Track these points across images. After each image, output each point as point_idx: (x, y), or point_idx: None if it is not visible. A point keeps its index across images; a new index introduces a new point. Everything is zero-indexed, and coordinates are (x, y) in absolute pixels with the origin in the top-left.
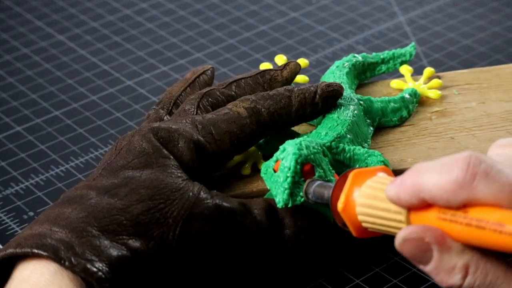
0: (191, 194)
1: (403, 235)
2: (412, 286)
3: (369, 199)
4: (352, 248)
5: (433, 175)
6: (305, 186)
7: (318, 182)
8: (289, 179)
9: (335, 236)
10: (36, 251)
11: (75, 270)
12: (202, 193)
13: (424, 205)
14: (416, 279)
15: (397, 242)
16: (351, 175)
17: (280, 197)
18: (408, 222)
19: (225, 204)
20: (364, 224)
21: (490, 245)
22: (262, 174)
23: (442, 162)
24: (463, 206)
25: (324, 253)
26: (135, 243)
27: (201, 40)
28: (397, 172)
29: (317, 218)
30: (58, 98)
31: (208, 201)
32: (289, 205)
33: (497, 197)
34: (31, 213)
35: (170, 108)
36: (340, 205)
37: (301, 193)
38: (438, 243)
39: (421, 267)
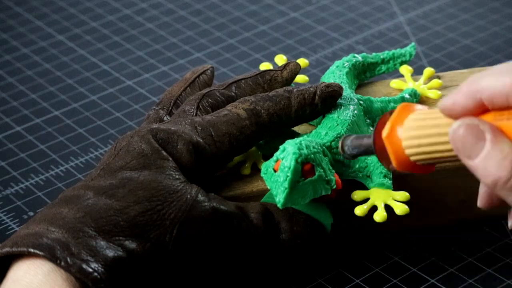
0: (188, 196)
1: (458, 122)
2: (412, 286)
3: (419, 121)
4: (351, 248)
5: (491, 77)
6: (341, 141)
7: (354, 136)
8: (289, 179)
9: (330, 242)
10: (32, 250)
11: (70, 270)
12: (199, 195)
13: (479, 111)
14: (416, 279)
15: (452, 129)
16: (398, 108)
17: (280, 197)
18: None
19: (222, 207)
20: (412, 155)
21: None
22: (262, 174)
23: (501, 67)
24: None
25: (320, 257)
26: (131, 244)
27: (201, 40)
28: (397, 172)
29: (313, 224)
30: (58, 98)
31: (206, 204)
32: (289, 205)
33: None
34: (31, 213)
35: (170, 108)
36: (385, 131)
37: (301, 193)
38: (493, 132)
39: (467, 161)
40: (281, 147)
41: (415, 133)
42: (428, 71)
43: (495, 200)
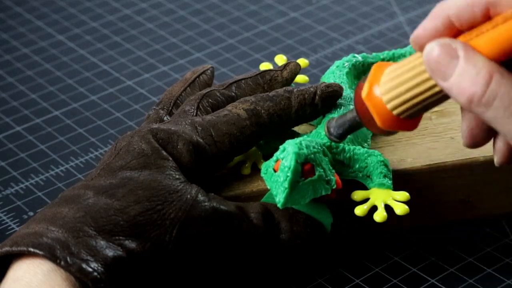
0: (188, 196)
1: (431, 44)
2: (412, 286)
3: (394, 72)
4: (351, 248)
5: None
6: (326, 126)
7: (336, 117)
8: (289, 179)
9: (330, 242)
10: (32, 249)
11: (70, 270)
12: (199, 195)
13: (450, 33)
14: (416, 279)
15: (425, 51)
16: (372, 68)
17: (280, 197)
18: None
19: (222, 207)
20: (394, 107)
21: None
22: (262, 174)
23: None
24: (488, 17)
25: (320, 257)
26: (131, 244)
27: (201, 40)
28: (397, 173)
29: (313, 224)
30: (58, 98)
31: (206, 204)
32: (289, 205)
33: None
34: (31, 213)
35: (170, 108)
36: (364, 92)
37: (301, 193)
38: (465, 49)
39: (443, 83)
40: (281, 147)
41: (393, 83)
42: None
43: (477, 134)
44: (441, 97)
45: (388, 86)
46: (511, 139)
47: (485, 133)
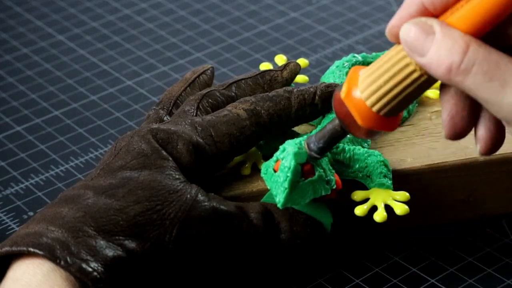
0: (188, 196)
1: (406, 24)
2: (412, 286)
3: (370, 69)
4: (351, 248)
5: None
6: (305, 143)
7: (314, 133)
8: (289, 179)
9: (330, 243)
10: (31, 250)
11: (70, 270)
12: (199, 195)
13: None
14: (416, 279)
15: (402, 32)
16: (349, 72)
17: (280, 197)
18: (416, 63)
19: (222, 207)
20: (374, 103)
21: (494, 7)
22: (262, 174)
23: None
24: None
25: (320, 257)
26: (131, 244)
27: (201, 40)
28: (397, 173)
29: (313, 224)
30: (58, 98)
31: (205, 203)
32: (289, 205)
33: None
34: (31, 213)
35: (170, 108)
36: (343, 93)
37: (301, 194)
38: (441, 24)
39: (421, 60)
40: (281, 147)
41: (370, 79)
42: None
43: (458, 123)
44: (420, 84)
45: (366, 82)
46: (492, 106)
47: (465, 122)
